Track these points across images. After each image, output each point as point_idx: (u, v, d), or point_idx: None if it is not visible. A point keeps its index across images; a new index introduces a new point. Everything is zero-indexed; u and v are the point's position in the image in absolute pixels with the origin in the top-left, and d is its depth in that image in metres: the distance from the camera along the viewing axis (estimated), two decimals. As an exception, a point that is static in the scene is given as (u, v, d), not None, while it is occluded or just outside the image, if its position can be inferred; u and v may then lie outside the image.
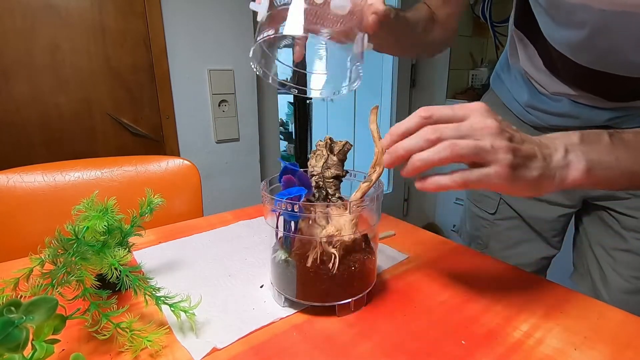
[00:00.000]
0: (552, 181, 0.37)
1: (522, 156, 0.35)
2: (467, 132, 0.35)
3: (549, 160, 0.37)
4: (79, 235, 0.38)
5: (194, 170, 0.89)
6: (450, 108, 0.36)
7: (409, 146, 0.36)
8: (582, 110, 0.59)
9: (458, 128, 0.35)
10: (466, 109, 0.36)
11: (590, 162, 0.37)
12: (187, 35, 1.40)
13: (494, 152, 0.34)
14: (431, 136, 0.35)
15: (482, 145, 0.34)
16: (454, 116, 0.36)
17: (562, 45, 0.54)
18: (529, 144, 0.37)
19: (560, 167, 0.37)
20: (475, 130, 0.35)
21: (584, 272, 0.70)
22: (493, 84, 0.77)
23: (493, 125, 0.35)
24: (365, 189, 0.41)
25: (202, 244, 0.60)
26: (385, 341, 0.38)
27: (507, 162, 0.34)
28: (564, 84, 0.58)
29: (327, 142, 0.44)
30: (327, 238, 0.39)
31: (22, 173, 0.76)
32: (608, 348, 0.37)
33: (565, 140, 0.38)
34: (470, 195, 0.82)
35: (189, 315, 0.38)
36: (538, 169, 0.36)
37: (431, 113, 0.36)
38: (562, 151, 0.37)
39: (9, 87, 1.12)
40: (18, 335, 0.26)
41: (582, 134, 0.39)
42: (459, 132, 0.35)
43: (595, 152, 0.38)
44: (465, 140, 0.34)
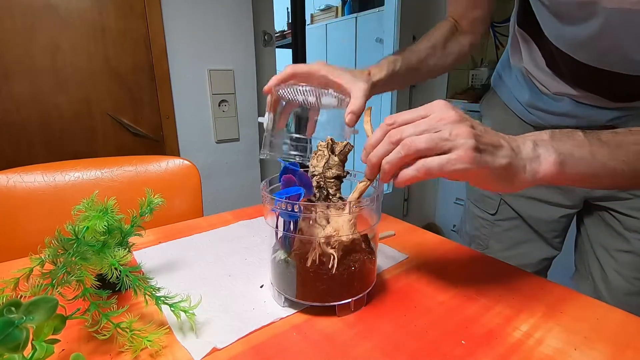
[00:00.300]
0: (524, 173, 0.37)
1: (486, 143, 0.35)
2: (427, 126, 0.35)
3: (518, 151, 0.37)
4: (79, 235, 0.38)
5: (194, 170, 0.89)
6: (412, 110, 0.37)
7: (378, 153, 0.37)
8: (584, 110, 0.59)
9: (417, 125, 0.36)
10: (427, 107, 0.37)
11: (561, 155, 0.37)
12: (187, 35, 1.41)
13: (453, 139, 0.34)
14: (393, 138, 0.36)
15: (440, 135, 0.35)
16: (416, 116, 0.37)
17: (564, 43, 0.54)
18: (494, 134, 0.37)
19: (530, 159, 0.37)
20: (436, 123, 0.35)
21: (586, 273, 0.69)
22: (494, 83, 0.77)
23: (452, 115, 0.35)
24: (363, 189, 0.41)
25: (202, 244, 0.60)
26: (385, 341, 0.38)
27: (469, 146, 0.34)
28: (567, 84, 0.58)
29: (328, 142, 0.44)
30: (325, 239, 0.39)
31: (22, 173, 0.76)
32: (608, 348, 0.37)
33: (534, 137, 0.39)
34: (470, 196, 0.82)
35: (189, 315, 0.38)
36: (506, 157, 0.36)
37: (394, 120, 0.37)
38: (530, 144, 0.38)
39: (9, 87, 1.12)
40: (18, 336, 0.26)
41: (553, 132, 0.39)
42: (418, 129, 0.36)
43: (566, 146, 0.38)
44: (423, 135, 0.35)
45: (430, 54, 0.65)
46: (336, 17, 3.05)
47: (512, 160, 0.36)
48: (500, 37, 2.22)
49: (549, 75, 0.60)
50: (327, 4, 3.19)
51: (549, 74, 0.60)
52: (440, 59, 0.66)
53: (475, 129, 0.36)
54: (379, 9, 2.45)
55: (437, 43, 0.66)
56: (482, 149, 0.35)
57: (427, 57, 0.64)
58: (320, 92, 0.53)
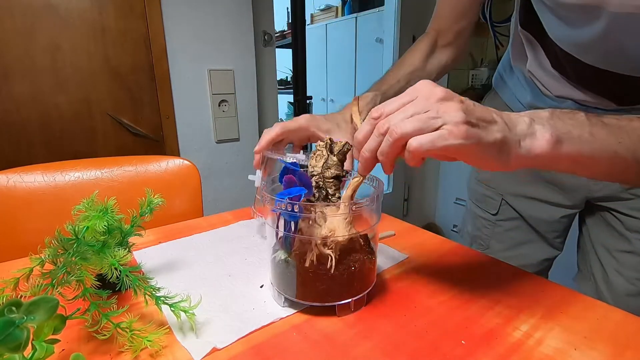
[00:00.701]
0: (518, 149, 0.35)
1: (478, 117, 0.34)
2: (414, 109, 0.34)
3: (512, 126, 0.35)
4: (79, 235, 0.38)
5: (194, 170, 0.89)
6: (397, 97, 0.36)
7: (370, 147, 0.36)
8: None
9: (404, 110, 0.34)
10: (411, 90, 0.36)
11: (558, 132, 0.36)
12: (187, 35, 1.41)
13: (442, 116, 0.33)
14: (382, 129, 0.35)
15: (428, 114, 0.33)
16: (403, 102, 0.35)
17: (568, 44, 0.53)
18: (485, 109, 0.35)
19: (525, 134, 0.35)
20: (423, 104, 0.34)
21: (587, 274, 0.69)
22: (495, 84, 0.77)
23: (438, 93, 0.34)
24: (356, 186, 0.40)
25: (202, 244, 0.60)
26: (385, 341, 0.38)
27: (459, 119, 0.33)
28: (572, 85, 0.58)
29: (327, 142, 0.44)
30: (321, 240, 0.39)
31: (22, 173, 0.76)
32: (608, 348, 0.37)
33: (532, 114, 0.37)
34: (472, 196, 0.82)
35: (189, 315, 0.38)
36: (500, 132, 0.34)
37: (380, 112, 0.36)
38: (527, 120, 0.36)
39: (9, 87, 1.12)
40: (19, 335, 0.26)
41: (553, 110, 0.38)
42: (406, 114, 0.34)
43: (565, 125, 0.37)
44: (410, 118, 0.34)
45: (410, 79, 0.66)
46: (336, 17, 3.06)
47: (506, 135, 0.35)
48: (501, 37, 2.21)
49: (553, 76, 0.60)
50: (327, 4, 3.20)
51: (554, 75, 0.59)
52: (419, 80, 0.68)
53: (465, 103, 0.34)
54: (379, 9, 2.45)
55: (417, 67, 0.68)
56: (474, 124, 0.33)
57: (407, 85, 0.65)
58: (307, 156, 0.54)
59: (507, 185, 0.74)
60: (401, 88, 0.66)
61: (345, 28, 2.85)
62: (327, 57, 3.10)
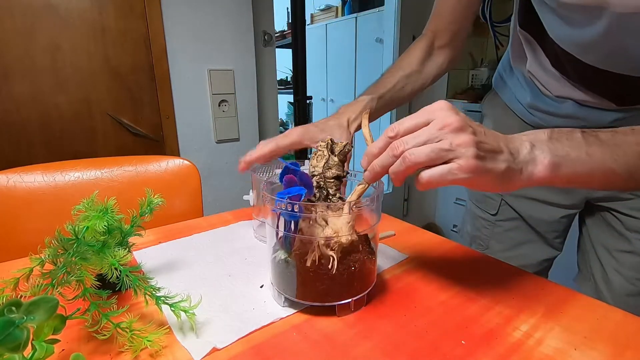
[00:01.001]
0: (520, 176, 0.37)
1: (487, 150, 0.36)
2: (428, 136, 0.35)
3: (516, 154, 0.37)
4: (79, 235, 0.38)
5: (194, 170, 0.89)
6: (413, 117, 0.37)
7: (382, 164, 0.38)
8: (587, 112, 0.59)
9: (418, 135, 0.36)
10: (428, 111, 0.37)
11: (556, 157, 0.37)
12: (187, 35, 1.41)
13: (455, 149, 0.34)
14: (396, 151, 0.36)
15: (441, 146, 0.35)
16: (417, 125, 0.37)
17: (568, 44, 0.53)
18: (494, 139, 0.37)
19: (527, 161, 0.37)
20: (437, 132, 0.35)
21: (587, 274, 0.69)
22: (495, 84, 0.77)
23: (453, 122, 0.35)
24: (361, 191, 0.41)
25: (202, 244, 0.60)
26: (385, 341, 0.38)
27: (471, 155, 0.34)
28: (572, 85, 0.58)
29: (328, 142, 0.44)
30: (324, 240, 0.39)
31: (22, 173, 0.76)
32: (608, 348, 0.37)
33: (532, 137, 0.39)
34: (472, 196, 0.82)
35: (189, 315, 0.38)
36: (504, 162, 0.36)
37: (396, 131, 0.37)
38: (528, 146, 0.38)
39: (9, 87, 1.12)
40: (19, 335, 0.26)
41: (552, 131, 0.39)
42: (419, 139, 0.36)
43: (563, 147, 0.38)
44: (423, 146, 0.35)
45: (407, 83, 0.67)
46: (336, 17, 3.06)
47: (510, 165, 0.36)
48: (500, 37, 2.22)
49: (553, 76, 0.60)
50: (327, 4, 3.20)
51: (554, 75, 0.59)
52: (416, 83, 0.69)
53: (477, 136, 0.35)
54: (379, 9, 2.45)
55: (414, 70, 0.68)
56: (483, 156, 0.35)
57: (403, 88, 0.67)
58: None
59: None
60: (398, 92, 0.66)
61: (345, 28, 2.85)
62: (327, 57, 3.10)
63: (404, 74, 0.68)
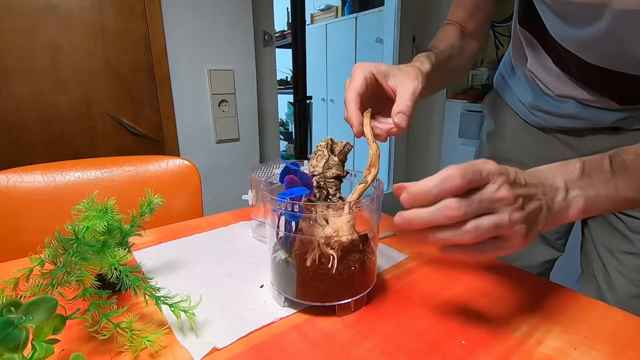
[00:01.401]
0: (552, 226, 0.38)
1: (532, 219, 0.35)
2: (488, 203, 0.34)
3: (552, 206, 0.37)
4: (79, 235, 0.38)
5: (194, 170, 0.89)
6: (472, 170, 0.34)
7: (430, 218, 0.34)
8: (590, 112, 0.58)
9: (480, 204, 0.34)
10: (483, 173, 0.34)
11: (588, 199, 0.38)
12: (187, 35, 1.41)
13: (511, 226, 0.34)
14: (455, 214, 0.33)
15: (501, 222, 0.34)
16: (475, 180, 0.34)
17: (570, 43, 0.53)
18: (535, 199, 0.36)
19: (560, 209, 0.37)
20: (495, 202, 0.34)
21: (590, 276, 0.68)
22: (496, 84, 0.76)
23: (510, 196, 0.34)
24: (362, 191, 0.41)
25: (202, 244, 0.60)
26: (385, 341, 0.38)
27: (522, 233, 0.34)
28: (574, 84, 0.57)
29: (328, 142, 0.44)
30: (324, 239, 0.39)
31: (22, 173, 0.76)
32: (608, 348, 0.37)
33: (565, 175, 0.38)
34: None
35: (189, 315, 0.38)
36: (543, 221, 0.36)
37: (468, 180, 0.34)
38: (563, 192, 0.37)
39: (9, 87, 1.12)
40: (18, 335, 0.26)
41: (584, 164, 0.39)
42: (480, 207, 0.34)
43: (593, 185, 0.38)
44: (487, 220, 0.34)
45: (451, 55, 0.61)
46: (336, 17, 3.06)
47: (547, 222, 0.37)
48: (500, 37, 2.22)
49: (555, 75, 0.59)
50: (327, 4, 3.20)
51: (555, 73, 0.59)
52: (458, 60, 0.63)
53: (525, 205, 0.35)
54: (379, 9, 2.45)
55: (455, 44, 0.62)
56: (529, 230, 0.35)
57: (450, 57, 0.61)
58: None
59: None
60: (445, 58, 0.58)
61: (345, 28, 2.85)
62: (327, 57, 3.10)
63: (448, 44, 0.61)
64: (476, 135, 2.18)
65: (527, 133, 0.69)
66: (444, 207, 0.33)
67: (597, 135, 0.61)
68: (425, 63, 0.51)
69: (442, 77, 0.59)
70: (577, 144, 0.64)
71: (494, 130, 0.74)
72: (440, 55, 0.57)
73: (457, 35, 0.64)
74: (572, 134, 0.64)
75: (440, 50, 0.58)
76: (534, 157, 0.67)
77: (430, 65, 0.51)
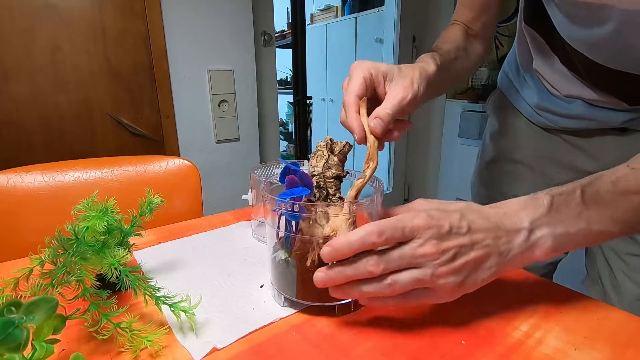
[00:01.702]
0: (510, 268, 0.38)
1: (470, 268, 0.36)
2: (409, 259, 0.35)
3: (506, 250, 0.36)
4: (79, 235, 0.38)
5: (194, 170, 0.89)
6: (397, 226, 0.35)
7: (354, 271, 0.36)
8: (597, 112, 0.57)
9: (400, 260, 0.35)
10: (411, 225, 0.35)
11: (557, 238, 0.37)
12: (187, 35, 1.41)
13: (434, 280, 0.35)
14: (374, 269, 0.35)
15: (422, 276, 0.35)
16: (398, 238, 0.35)
17: (578, 43, 0.51)
18: (478, 247, 0.36)
19: (523, 250, 0.37)
20: (417, 258, 0.35)
21: (595, 278, 0.67)
22: (500, 83, 0.75)
23: (433, 252, 0.34)
24: (360, 186, 0.40)
25: (202, 244, 0.60)
26: (385, 341, 0.38)
27: (450, 286, 0.35)
28: (582, 84, 0.56)
29: (327, 142, 0.44)
30: (323, 239, 0.39)
31: (22, 173, 0.76)
32: (608, 348, 0.37)
33: (531, 214, 0.37)
34: (474, 198, 0.80)
35: (189, 315, 0.38)
36: (492, 267, 0.36)
37: (385, 238, 0.35)
38: (525, 233, 0.37)
39: (9, 87, 1.12)
40: (18, 335, 0.26)
41: (552, 199, 0.38)
42: (400, 264, 0.35)
43: (563, 222, 0.37)
44: (406, 274, 0.35)
45: (457, 56, 0.59)
46: (336, 17, 3.06)
47: (498, 267, 0.37)
48: (500, 37, 2.22)
49: (562, 74, 0.58)
50: (327, 4, 3.20)
51: (562, 73, 0.57)
52: (464, 61, 0.61)
53: (459, 255, 0.35)
54: (379, 9, 2.45)
55: (460, 45, 0.61)
56: (463, 281, 0.36)
57: (456, 59, 0.59)
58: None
59: (516, 189, 0.71)
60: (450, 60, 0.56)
61: (345, 28, 2.85)
62: (327, 57, 3.10)
63: (454, 45, 0.59)
64: (476, 135, 2.18)
65: (532, 133, 0.68)
66: (366, 262, 0.35)
67: (605, 136, 0.60)
68: (430, 64, 0.50)
69: (447, 79, 0.57)
70: (584, 145, 0.62)
71: (498, 131, 0.73)
72: (445, 56, 0.56)
73: (463, 36, 0.63)
74: (578, 134, 0.62)
75: (446, 51, 0.57)
76: (539, 157, 0.67)
77: (435, 66, 0.50)
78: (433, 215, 0.35)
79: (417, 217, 0.35)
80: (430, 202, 0.40)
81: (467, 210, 0.37)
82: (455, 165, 2.39)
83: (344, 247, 0.35)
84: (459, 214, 0.37)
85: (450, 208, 0.38)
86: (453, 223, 0.35)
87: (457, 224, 0.36)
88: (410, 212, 0.37)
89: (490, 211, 0.38)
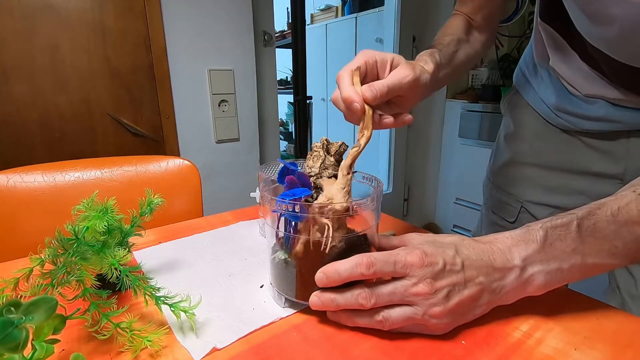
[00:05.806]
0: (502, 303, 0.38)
1: (463, 306, 0.36)
2: (401, 297, 0.35)
3: (499, 287, 0.37)
4: (79, 235, 0.38)
5: (194, 170, 0.89)
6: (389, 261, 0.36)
7: (346, 301, 0.37)
8: (622, 113, 0.53)
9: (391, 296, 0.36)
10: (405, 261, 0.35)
11: (550, 274, 0.37)
12: (187, 35, 1.41)
13: (426, 319, 0.35)
14: (364, 303, 0.36)
15: (414, 315, 0.36)
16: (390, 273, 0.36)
17: (597, 40, 0.49)
18: (472, 284, 0.36)
19: (514, 287, 0.37)
20: (409, 296, 0.35)
21: (613, 285, 0.64)
22: (516, 82, 0.71)
23: (426, 291, 0.35)
24: (355, 155, 0.40)
25: (202, 244, 0.60)
26: (385, 341, 0.38)
27: (442, 325, 0.36)
28: (604, 83, 0.53)
29: (323, 143, 0.44)
30: (319, 208, 0.38)
31: (22, 173, 0.76)
32: (608, 348, 0.37)
33: (523, 250, 0.37)
34: (487, 202, 0.77)
35: (189, 315, 0.38)
36: (484, 305, 0.37)
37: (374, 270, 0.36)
38: (517, 271, 0.37)
39: (9, 87, 1.12)
40: (18, 336, 0.26)
41: (546, 233, 0.37)
42: (391, 300, 0.36)
43: (556, 258, 0.37)
44: (397, 311, 0.36)
45: (457, 49, 0.58)
46: (336, 17, 3.06)
47: (490, 304, 0.37)
48: (501, 37, 2.21)
49: (582, 73, 0.54)
50: (327, 4, 3.20)
51: (583, 71, 0.54)
52: (466, 51, 0.60)
53: (451, 294, 0.35)
54: (379, 9, 2.45)
55: (461, 37, 0.59)
56: (455, 318, 0.36)
57: (456, 52, 0.57)
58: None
59: (531, 194, 0.68)
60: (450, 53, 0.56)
61: (345, 28, 2.85)
62: (327, 57, 3.10)
63: (454, 38, 0.58)
64: (476, 135, 2.18)
65: (550, 135, 0.64)
66: (357, 294, 0.36)
67: (630, 138, 0.55)
68: (429, 63, 0.49)
69: (448, 73, 0.56)
70: (608, 147, 0.58)
71: (513, 132, 0.70)
72: (445, 51, 0.55)
73: (464, 26, 0.61)
74: (600, 137, 0.58)
75: (445, 45, 0.57)
76: (556, 162, 0.64)
77: (434, 64, 0.49)
78: (427, 252, 0.36)
79: (410, 254, 0.36)
80: (424, 236, 0.41)
81: (462, 246, 0.38)
82: (455, 165, 2.39)
83: (334, 275, 0.37)
84: (454, 249, 0.37)
85: (445, 241, 0.38)
86: (447, 260, 0.36)
87: (452, 261, 0.36)
88: (404, 248, 0.38)
89: (484, 247, 0.38)
